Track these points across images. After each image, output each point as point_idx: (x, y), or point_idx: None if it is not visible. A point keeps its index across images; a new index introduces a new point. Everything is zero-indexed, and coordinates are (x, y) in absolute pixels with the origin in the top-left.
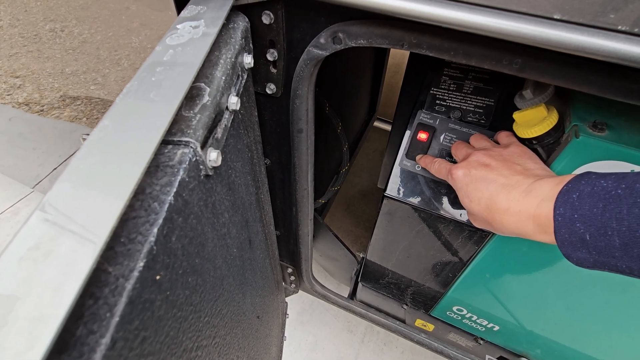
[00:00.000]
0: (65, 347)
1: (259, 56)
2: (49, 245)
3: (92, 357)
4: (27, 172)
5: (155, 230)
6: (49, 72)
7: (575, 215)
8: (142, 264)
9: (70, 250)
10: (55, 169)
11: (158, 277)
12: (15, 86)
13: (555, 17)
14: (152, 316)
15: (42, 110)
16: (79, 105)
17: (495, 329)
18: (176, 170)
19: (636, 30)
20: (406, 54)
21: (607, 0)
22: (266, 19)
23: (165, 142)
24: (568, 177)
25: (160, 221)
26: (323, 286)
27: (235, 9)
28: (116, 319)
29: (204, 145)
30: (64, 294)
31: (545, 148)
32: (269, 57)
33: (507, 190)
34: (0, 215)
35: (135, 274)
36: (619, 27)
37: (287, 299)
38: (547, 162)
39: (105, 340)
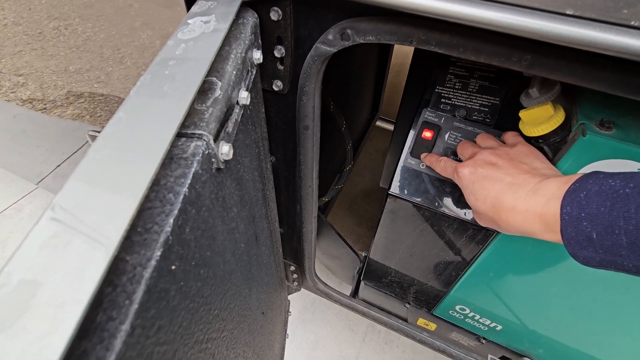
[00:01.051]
0: (86, 333)
1: (266, 53)
2: (69, 234)
3: (112, 343)
4: (31, 169)
5: (171, 220)
6: (53, 70)
7: (583, 214)
8: (158, 253)
9: (91, 239)
10: (58, 165)
11: (173, 267)
12: (19, 84)
13: (567, 12)
14: (167, 306)
15: (45, 108)
16: (83, 103)
17: (498, 328)
18: (190, 162)
19: None
20: (409, 53)
21: None
22: (274, 15)
23: (179, 134)
24: (575, 177)
25: (175, 212)
26: (325, 284)
27: (244, 5)
28: (135, 306)
29: (216, 139)
30: (86, 280)
31: (551, 146)
32: (277, 54)
33: (514, 189)
34: (4, 211)
35: (153, 263)
36: (632, 23)
37: (289, 297)
38: (553, 160)
39: (125, 327)
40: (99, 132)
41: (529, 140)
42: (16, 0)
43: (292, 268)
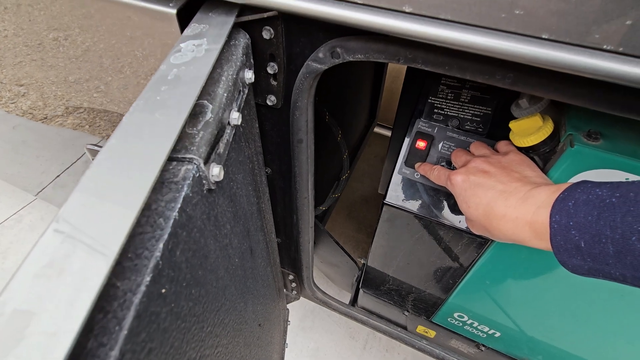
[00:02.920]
0: (77, 359)
1: (259, 69)
2: (62, 262)
3: None
4: (31, 180)
5: (161, 245)
6: (53, 80)
7: (571, 223)
8: (148, 278)
9: (82, 267)
10: (58, 176)
11: (164, 291)
12: (19, 94)
13: (543, 36)
14: (158, 328)
15: (45, 118)
16: (82, 113)
17: (496, 335)
18: (180, 186)
19: (621, 49)
20: None
21: (592, 20)
22: (266, 34)
23: (169, 159)
24: (564, 185)
25: (165, 237)
26: (324, 293)
27: (236, 26)
28: (125, 332)
29: (206, 161)
30: (77, 308)
31: (541, 157)
32: (270, 70)
33: (505, 196)
34: (4, 222)
35: (143, 288)
36: (604, 47)
37: (288, 306)
38: (543, 170)
39: (114, 353)
40: (96, 145)
41: (520, 150)
42: (16, 12)
43: (291, 277)
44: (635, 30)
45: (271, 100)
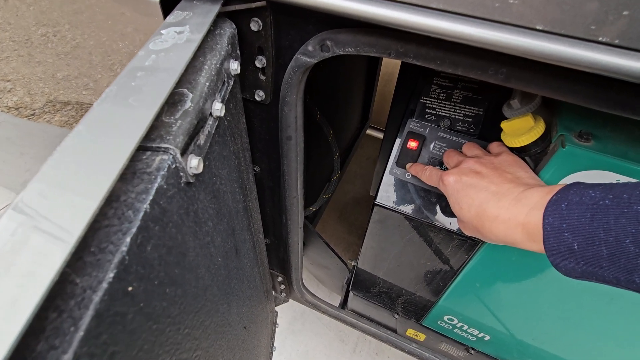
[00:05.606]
0: None
1: (247, 63)
2: (10, 257)
3: None
4: (14, 178)
5: (128, 239)
6: (40, 76)
7: (564, 225)
8: (112, 274)
9: (33, 262)
10: None
11: (131, 289)
12: (5, 90)
13: (537, 27)
14: (124, 330)
15: (32, 115)
16: (70, 110)
17: (486, 338)
18: (153, 177)
19: (617, 42)
20: (398, 62)
21: (588, 12)
22: (254, 25)
23: (143, 148)
24: (557, 187)
25: (134, 230)
26: (314, 295)
27: (222, 15)
28: (80, 333)
29: (184, 152)
30: (20, 309)
31: (532, 157)
32: (258, 64)
33: (497, 197)
34: None
35: (104, 285)
36: (600, 39)
37: (277, 308)
38: (534, 171)
39: (67, 357)
40: None
41: (511, 151)
42: (3, 7)
43: (280, 279)
44: (632, 22)
45: (259, 95)
